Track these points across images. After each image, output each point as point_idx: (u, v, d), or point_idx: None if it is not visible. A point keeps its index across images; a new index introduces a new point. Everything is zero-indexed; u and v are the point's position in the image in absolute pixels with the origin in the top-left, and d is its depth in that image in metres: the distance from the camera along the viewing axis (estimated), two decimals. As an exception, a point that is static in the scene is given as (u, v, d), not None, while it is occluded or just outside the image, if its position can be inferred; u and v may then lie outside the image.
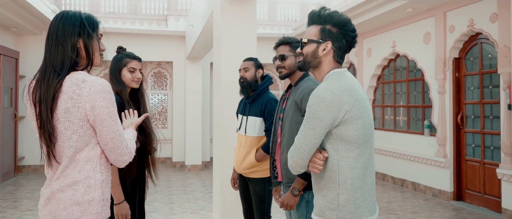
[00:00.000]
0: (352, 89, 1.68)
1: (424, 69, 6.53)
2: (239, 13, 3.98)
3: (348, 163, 1.68)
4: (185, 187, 7.37)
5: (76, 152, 1.56)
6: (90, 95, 1.54)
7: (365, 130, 1.69)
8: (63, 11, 1.68)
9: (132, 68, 2.51)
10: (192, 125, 9.33)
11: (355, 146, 1.68)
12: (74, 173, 1.56)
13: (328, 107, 1.62)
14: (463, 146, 5.94)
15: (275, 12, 10.34)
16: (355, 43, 1.84)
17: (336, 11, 1.81)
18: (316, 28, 1.80)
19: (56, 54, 1.60)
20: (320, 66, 1.81)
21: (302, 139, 1.69)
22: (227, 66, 3.94)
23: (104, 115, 1.55)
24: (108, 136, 1.57)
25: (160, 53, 9.48)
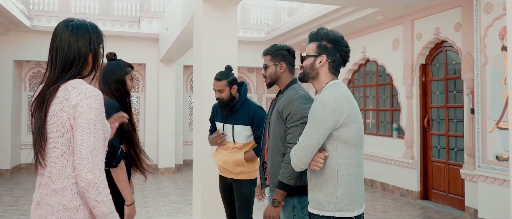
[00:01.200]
0: (349, 97, 1.98)
1: (393, 74, 6.83)
2: (220, 17, 4.06)
3: (345, 161, 1.95)
4: (160, 190, 7.35)
5: (62, 155, 1.57)
6: (76, 100, 1.55)
7: (359, 133, 1.97)
8: (71, 21, 1.69)
9: (132, 76, 2.65)
10: (165, 127, 9.28)
11: (352, 146, 1.95)
12: (62, 179, 1.57)
13: (332, 112, 1.89)
14: (429, 147, 6.26)
15: (248, 15, 10.46)
16: (348, 57, 2.11)
17: (332, 30, 2.09)
18: (314, 45, 2.09)
19: (64, 65, 1.63)
20: (318, 77, 2.08)
21: (307, 139, 1.93)
22: (208, 70, 4.01)
23: (81, 119, 1.53)
24: (78, 142, 1.53)
25: (133, 55, 9.36)
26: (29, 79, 9.55)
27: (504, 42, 4.60)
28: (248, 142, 3.21)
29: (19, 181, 8.10)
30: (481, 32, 4.89)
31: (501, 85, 4.64)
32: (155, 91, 9.59)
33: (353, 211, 1.97)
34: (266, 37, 9.72)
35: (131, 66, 2.67)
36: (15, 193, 7.02)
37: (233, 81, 3.21)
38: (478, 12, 4.93)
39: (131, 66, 2.67)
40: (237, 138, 3.19)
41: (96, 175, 1.52)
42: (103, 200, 1.53)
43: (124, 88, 2.57)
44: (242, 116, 3.18)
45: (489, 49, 4.80)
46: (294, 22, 8.27)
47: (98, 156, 1.54)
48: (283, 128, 2.46)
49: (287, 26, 8.62)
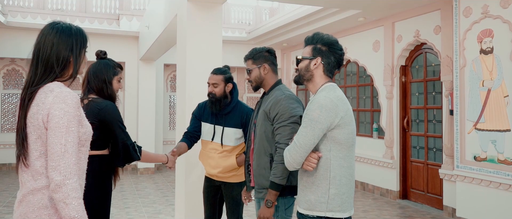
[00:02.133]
0: (344, 99, 2.01)
1: (373, 75, 6.91)
2: (205, 17, 4.02)
3: (338, 162, 1.98)
4: (139, 191, 7.24)
5: (41, 156, 1.60)
6: (51, 103, 1.57)
7: (352, 135, 2.01)
8: (56, 24, 1.72)
9: (120, 78, 2.61)
10: (145, 126, 9.15)
11: (345, 147, 1.99)
12: (43, 178, 1.60)
13: (327, 113, 1.92)
14: (409, 147, 6.37)
15: (229, 15, 10.42)
16: (343, 61, 2.15)
17: (327, 34, 2.13)
18: (309, 48, 2.13)
19: (45, 66, 1.65)
20: (313, 79, 2.11)
21: (302, 139, 1.95)
22: (192, 69, 3.97)
23: (54, 123, 1.55)
24: (50, 144, 1.55)
25: (112, 53, 9.04)
26: (3, 77, 9.25)
27: (482, 45, 4.72)
28: (237, 145, 3.13)
29: (-8, 182, 7.83)
30: (460, 35, 4.99)
31: (479, 87, 4.75)
32: (134, 90, 9.43)
33: (344, 212, 2.01)
34: (247, 37, 9.70)
35: (120, 67, 2.62)
36: (-12, 194, 6.79)
37: (229, 79, 3.15)
38: (458, 16, 5.04)
39: (120, 67, 2.62)
40: (225, 140, 3.10)
41: (66, 177, 1.54)
42: (72, 203, 1.53)
43: (110, 90, 2.51)
44: (234, 118, 3.10)
45: (467, 52, 4.91)
46: (276, 23, 8.28)
47: (70, 158, 1.56)
48: (270, 129, 2.47)
49: (269, 26, 8.63)
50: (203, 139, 3.26)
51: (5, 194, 6.80)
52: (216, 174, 3.13)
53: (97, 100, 2.45)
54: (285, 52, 9.68)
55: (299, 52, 8.55)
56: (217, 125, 3.15)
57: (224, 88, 3.11)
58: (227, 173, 3.10)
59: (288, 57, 9.57)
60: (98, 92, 2.48)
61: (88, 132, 1.73)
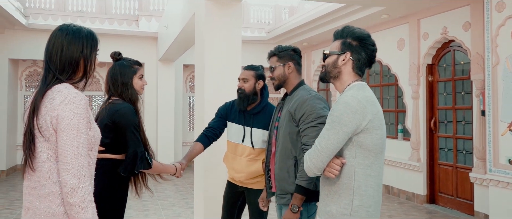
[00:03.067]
0: (374, 101, 1.81)
1: (398, 74, 6.67)
2: (223, 15, 3.89)
3: (364, 171, 1.77)
4: (159, 193, 7.17)
5: (48, 159, 1.56)
6: (59, 105, 1.55)
7: (382, 141, 1.80)
8: (69, 25, 1.71)
9: (141, 75, 2.50)
10: (164, 128, 9.12)
11: (372, 154, 1.78)
12: (50, 184, 1.56)
13: (353, 114, 1.72)
14: (436, 150, 6.10)
15: (248, 14, 10.29)
16: (375, 57, 1.94)
17: (358, 28, 1.93)
18: (338, 42, 1.93)
19: (56, 69, 1.64)
20: (340, 77, 1.91)
21: (324, 142, 1.76)
22: (211, 69, 3.84)
23: (64, 124, 1.52)
24: (61, 147, 1.52)
25: (131, 54, 8.98)
26: (25, 79, 9.35)
27: (517, 41, 4.44)
28: (263, 148, 2.95)
29: (14, 183, 7.89)
30: (492, 32, 4.72)
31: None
32: (154, 91, 9.41)
33: None
34: (266, 37, 9.56)
35: (138, 64, 2.50)
36: (10, 195, 6.83)
37: (261, 76, 3.00)
38: (489, 11, 4.77)
39: (138, 64, 2.50)
40: (255, 142, 2.93)
41: (80, 181, 1.51)
42: (87, 207, 1.51)
43: (130, 92, 2.40)
44: (263, 119, 2.92)
45: (500, 49, 4.63)
46: (296, 21, 8.11)
47: (82, 161, 1.53)
48: (295, 130, 2.35)
49: (288, 25, 8.46)
50: (230, 140, 3.08)
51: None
52: (240, 179, 2.98)
53: (116, 101, 2.36)
54: (306, 52, 9.49)
55: (320, 51, 8.36)
56: (247, 126, 2.98)
57: (254, 84, 2.94)
58: (252, 179, 2.94)
59: (309, 56, 9.38)
60: (119, 96, 2.39)
61: (96, 136, 1.68)
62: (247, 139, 2.96)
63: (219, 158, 3.47)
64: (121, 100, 2.37)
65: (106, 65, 9.77)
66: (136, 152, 2.26)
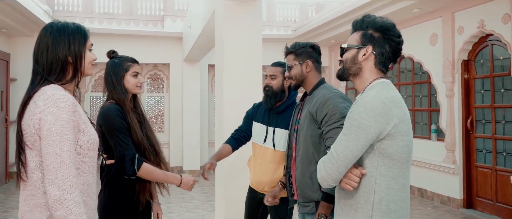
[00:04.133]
0: (401, 102, 1.56)
1: (431, 71, 6.32)
2: (243, 12, 3.72)
3: (387, 183, 1.54)
4: (183, 195, 7.10)
5: (37, 167, 1.45)
6: (42, 108, 1.43)
7: (408, 149, 1.55)
8: (53, 23, 1.62)
9: (135, 72, 2.33)
10: (190, 128, 9.07)
11: (397, 164, 1.55)
12: (40, 195, 1.46)
13: (376, 118, 1.49)
14: (473, 151, 5.73)
15: (274, 12, 10.10)
16: (400, 51, 1.68)
17: (381, 17, 1.68)
18: (358, 34, 1.69)
19: (43, 70, 1.54)
20: (361, 74, 1.67)
21: (341, 149, 1.53)
22: (230, 69, 3.68)
23: (46, 130, 1.40)
24: (44, 155, 1.40)
25: (157, 55, 9.21)
26: (54, 81, 9.52)
27: None
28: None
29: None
30: (535, 24, 4.35)
31: (560, 83, 4.10)
32: (179, 91, 9.38)
33: None
34: (292, 35, 9.35)
35: (132, 61, 2.35)
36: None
37: None
38: (532, 1, 4.40)
39: (132, 61, 2.35)
40: (277, 143, 2.74)
41: (66, 191, 1.37)
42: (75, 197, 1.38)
43: (118, 92, 2.25)
44: (287, 119, 2.73)
45: (545, 43, 4.26)
46: (322, 18, 7.86)
47: (67, 170, 1.39)
48: (317, 132, 2.17)
49: (315, 22, 8.22)
50: (253, 141, 2.94)
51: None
52: (262, 187, 2.81)
53: (105, 104, 2.25)
54: (333, 50, 9.22)
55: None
56: (270, 126, 2.81)
57: (282, 82, 2.77)
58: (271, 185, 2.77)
59: (336, 54, 9.09)
60: (112, 96, 2.27)
61: (91, 140, 1.53)
62: (268, 139, 2.78)
63: (242, 161, 3.32)
64: (113, 101, 2.25)
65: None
66: (123, 155, 2.11)
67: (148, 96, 10.01)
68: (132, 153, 2.13)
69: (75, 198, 1.39)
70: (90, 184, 1.54)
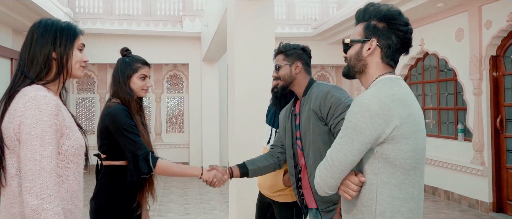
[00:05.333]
0: (406, 100, 1.37)
1: (457, 68, 6.03)
2: (254, 10, 3.59)
3: (390, 192, 1.37)
4: (202, 195, 7.04)
5: (17, 174, 1.36)
6: (22, 110, 1.33)
7: (415, 153, 1.37)
8: (42, 19, 1.54)
9: (144, 75, 2.25)
10: (209, 129, 9.02)
11: (401, 172, 1.36)
12: (18, 204, 1.37)
13: (373, 119, 1.32)
14: (503, 152, 5.42)
15: (294, 10, 9.93)
16: (410, 40, 1.50)
17: (385, 5, 1.50)
18: (361, 26, 1.52)
19: (24, 67, 1.47)
20: (366, 70, 1.50)
21: (335, 154, 1.40)
22: (240, 69, 3.57)
23: (26, 134, 1.31)
24: (22, 161, 1.30)
25: (176, 55, 9.21)
26: (76, 82, 9.65)
27: None
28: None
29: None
30: None
31: None
32: (198, 91, 9.35)
33: None
34: (313, 33, 9.17)
35: (142, 62, 2.26)
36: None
37: None
38: None
39: (142, 62, 2.26)
40: None
41: (44, 201, 1.28)
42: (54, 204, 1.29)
43: (124, 92, 2.17)
44: None
45: None
46: (343, 15, 7.65)
47: (47, 177, 1.30)
48: (325, 129, 2.05)
49: (336, 19, 8.01)
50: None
51: (75, 196, 6.96)
52: (263, 189, 2.70)
53: (110, 104, 2.16)
54: (355, 47, 8.98)
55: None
56: (274, 127, 2.69)
57: None
58: (275, 192, 2.64)
59: (358, 52, 8.85)
60: (117, 96, 2.19)
61: (76, 146, 1.43)
62: (271, 141, 2.67)
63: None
64: (118, 101, 2.16)
65: (152, 68, 9.86)
66: (136, 155, 2.04)
67: (168, 96, 10.03)
68: (145, 151, 2.06)
69: (55, 208, 1.29)
70: (75, 191, 1.45)
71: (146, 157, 2.05)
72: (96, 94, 9.68)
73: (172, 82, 10.06)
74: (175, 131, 9.99)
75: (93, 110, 9.64)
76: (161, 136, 9.87)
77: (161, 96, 9.94)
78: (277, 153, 2.40)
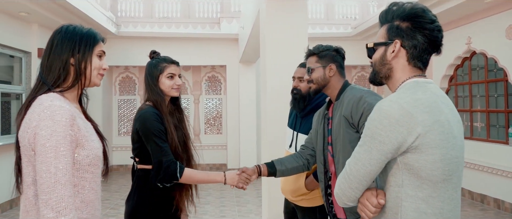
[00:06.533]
0: (431, 106, 1.24)
1: (508, 68, 5.64)
2: (286, 10, 3.51)
3: (416, 206, 1.24)
4: (238, 198, 7.02)
5: (33, 183, 1.36)
6: (36, 120, 1.31)
7: (444, 164, 1.22)
8: (63, 25, 1.53)
9: (171, 74, 2.19)
10: (246, 130, 9.01)
11: (428, 184, 1.24)
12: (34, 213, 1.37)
13: (392, 127, 1.21)
14: (560, 158, 5.00)
15: (333, 10, 9.73)
16: (439, 38, 1.36)
17: (409, 3, 1.38)
18: (384, 28, 1.42)
19: (47, 71, 1.46)
20: (392, 75, 1.40)
21: (353, 163, 1.30)
22: (272, 73, 3.49)
23: (40, 145, 1.29)
24: (38, 173, 1.29)
25: (214, 57, 9.27)
26: (119, 84, 9.95)
27: None
28: None
29: (109, 182, 8.37)
30: None
31: None
32: (236, 93, 9.37)
33: None
34: (352, 33, 8.93)
35: (171, 61, 2.22)
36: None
37: None
38: None
39: (171, 61, 2.22)
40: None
41: (59, 214, 1.27)
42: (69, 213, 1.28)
43: (154, 93, 2.15)
44: (309, 122, 2.52)
45: None
46: (384, 13, 7.38)
47: (63, 190, 1.28)
48: (356, 137, 1.94)
49: (376, 18, 7.73)
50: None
51: (116, 195, 7.16)
52: (286, 194, 2.62)
53: (142, 106, 2.15)
54: (396, 47, 8.66)
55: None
56: (295, 130, 2.64)
57: None
58: (298, 197, 2.55)
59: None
60: (148, 99, 2.18)
61: (92, 155, 1.41)
62: (293, 144, 2.61)
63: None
64: (150, 104, 2.15)
65: (191, 69, 10.00)
66: (160, 162, 2.01)
67: (206, 98, 10.13)
68: (170, 159, 2.03)
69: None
70: (91, 200, 1.43)
71: (169, 165, 2.02)
72: (137, 96, 9.93)
73: (210, 84, 10.15)
74: (213, 132, 10.07)
75: (134, 111, 9.90)
76: (199, 137, 9.97)
77: (200, 98, 10.05)
78: (307, 155, 2.32)
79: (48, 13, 6.20)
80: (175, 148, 2.11)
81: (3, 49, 6.10)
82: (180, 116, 2.30)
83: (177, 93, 2.23)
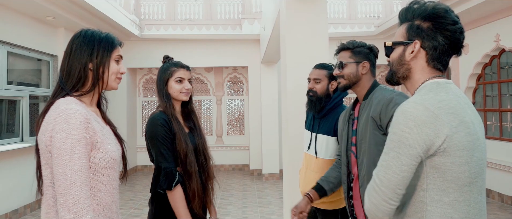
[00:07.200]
0: (456, 107, 1.21)
1: (539, 66, 5.43)
2: (306, 10, 3.47)
3: (441, 211, 1.20)
4: (261, 199, 7.01)
5: (51, 185, 1.38)
6: (52, 124, 1.34)
7: (470, 167, 1.19)
8: (82, 30, 1.56)
9: (180, 78, 2.19)
10: (268, 131, 8.98)
11: (454, 188, 1.20)
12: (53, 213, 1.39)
13: (419, 129, 1.17)
14: None
15: (355, 9, 9.59)
16: (461, 40, 1.33)
17: (431, 2, 1.34)
18: (404, 27, 1.38)
19: (66, 76, 1.49)
20: (410, 75, 1.36)
21: (383, 172, 1.23)
22: (292, 73, 3.46)
23: (56, 149, 1.31)
24: (55, 175, 1.32)
25: (236, 58, 9.29)
26: (142, 86, 10.10)
27: None
28: (331, 159, 2.51)
29: (133, 182, 8.51)
30: None
31: None
32: (258, 94, 9.36)
33: None
34: (375, 31, 8.79)
35: (180, 66, 2.22)
36: (126, 195, 7.32)
37: (334, 77, 2.58)
38: None
39: (180, 66, 2.22)
40: (319, 151, 2.53)
41: (76, 215, 1.29)
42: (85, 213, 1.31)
43: (164, 99, 2.15)
44: (327, 123, 2.50)
45: None
46: (408, 12, 7.22)
47: (78, 191, 1.30)
48: (383, 140, 1.87)
49: (400, 16, 7.60)
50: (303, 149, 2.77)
51: (140, 196, 7.26)
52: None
53: (154, 111, 2.18)
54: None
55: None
56: (313, 132, 2.62)
57: (327, 85, 2.55)
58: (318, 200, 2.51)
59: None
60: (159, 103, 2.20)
61: (108, 158, 1.43)
62: (312, 146, 2.59)
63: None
64: (161, 109, 2.16)
65: (213, 71, 10.06)
66: (160, 168, 2.02)
67: (229, 99, 10.16)
68: (168, 167, 2.02)
69: None
70: (107, 204, 1.45)
71: (168, 172, 2.01)
72: (161, 97, 10.05)
73: (233, 85, 10.18)
74: (235, 133, 10.09)
75: (157, 112, 10.02)
76: (222, 138, 10.02)
77: (222, 99, 10.10)
78: None
79: (74, 17, 6.35)
80: (185, 153, 2.08)
81: (31, 53, 6.28)
82: (195, 119, 2.30)
83: (186, 97, 2.21)
